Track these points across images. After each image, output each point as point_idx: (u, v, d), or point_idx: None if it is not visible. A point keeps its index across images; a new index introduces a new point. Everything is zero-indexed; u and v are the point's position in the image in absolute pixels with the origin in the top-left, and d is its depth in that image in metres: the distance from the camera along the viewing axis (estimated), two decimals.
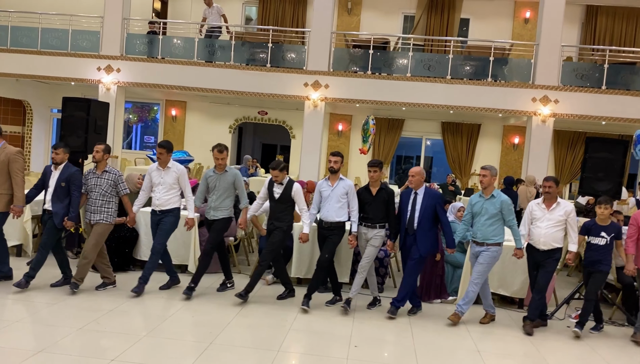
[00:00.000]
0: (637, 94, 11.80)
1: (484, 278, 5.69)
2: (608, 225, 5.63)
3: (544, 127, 11.95)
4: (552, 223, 5.52)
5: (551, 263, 5.58)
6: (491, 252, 5.60)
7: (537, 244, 5.60)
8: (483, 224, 5.60)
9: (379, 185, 5.83)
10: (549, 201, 5.62)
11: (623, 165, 6.38)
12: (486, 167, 5.68)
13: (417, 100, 12.37)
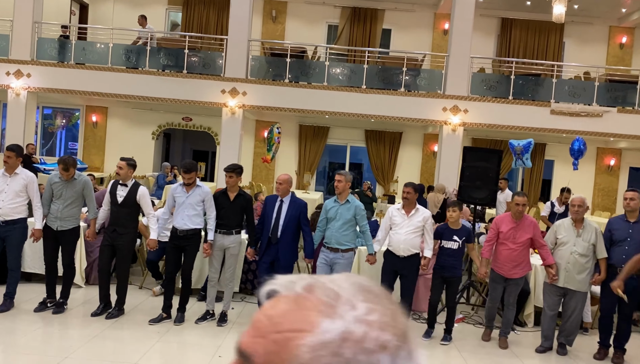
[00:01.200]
0: (541, 104, 12.37)
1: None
2: (459, 228, 5.77)
3: (454, 135, 12.33)
4: (411, 229, 5.60)
5: (412, 272, 5.68)
6: (346, 259, 5.60)
7: (397, 250, 5.64)
8: (338, 229, 5.57)
9: (236, 190, 5.71)
10: (408, 207, 5.69)
11: (498, 174, 6.67)
12: (341, 173, 5.67)
13: (333, 109, 12.54)
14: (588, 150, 15.65)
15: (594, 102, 12.44)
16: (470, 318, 6.75)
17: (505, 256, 5.66)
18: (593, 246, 5.54)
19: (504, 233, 5.67)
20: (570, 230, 5.62)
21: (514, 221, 5.68)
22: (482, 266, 5.77)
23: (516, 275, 5.66)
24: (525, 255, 5.67)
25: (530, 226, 5.65)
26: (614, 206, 15.82)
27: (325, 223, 5.70)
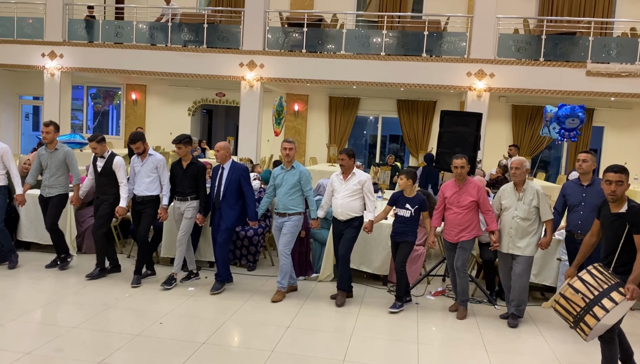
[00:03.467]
0: (576, 65, 11.40)
1: (291, 247, 5.76)
2: (413, 196, 5.57)
3: (479, 102, 11.66)
4: (348, 193, 5.58)
5: (350, 231, 5.62)
6: (293, 221, 5.70)
7: (337, 214, 5.66)
8: (284, 195, 5.71)
9: (189, 159, 5.93)
10: (345, 172, 5.65)
11: (477, 138, 6.19)
12: (290, 141, 5.79)
13: (353, 78, 12.23)
14: None
15: (638, 60, 11.28)
16: (450, 291, 6.42)
17: (451, 221, 5.46)
18: (536, 209, 5.17)
19: (448, 198, 5.49)
20: (512, 195, 5.29)
21: (457, 185, 5.47)
22: (430, 234, 5.57)
23: (463, 237, 5.40)
24: (471, 218, 5.38)
25: (474, 189, 5.37)
26: None
27: (272, 190, 5.89)
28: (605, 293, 3.60)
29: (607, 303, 3.58)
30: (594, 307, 3.61)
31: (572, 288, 3.73)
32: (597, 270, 3.76)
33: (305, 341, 4.73)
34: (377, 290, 6.34)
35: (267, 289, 6.07)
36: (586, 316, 3.65)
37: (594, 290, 3.64)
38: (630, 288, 3.59)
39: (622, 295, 3.59)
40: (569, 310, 3.75)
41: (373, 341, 4.86)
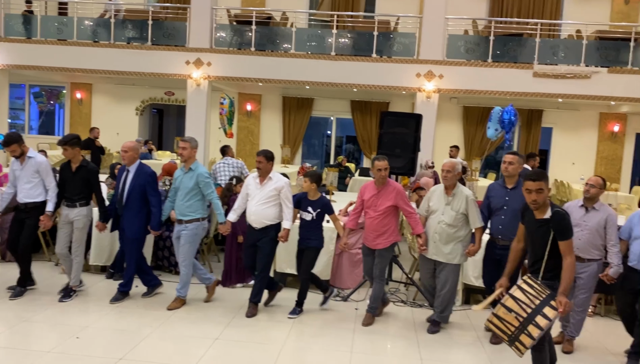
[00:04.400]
0: (523, 67, 11.48)
1: (192, 257, 5.43)
2: (316, 199, 5.34)
3: (429, 103, 11.62)
4: (263, 200, 5.18)
5: (267, 243, 5.24)
6: (190, 230, 5.31)
7: (251, 221, 5.25)
8: (181, 199, 5.32)
9: (78, 161, 5.39)
10: (262, 176, 5.24)
11: (416, 139, 6.07)
12: (185, 139, 5.34)
13: (304, 78, 12.00)
14: (590, 116, 14.73)
15: (582, 62, 11.45)
16: (392, 296, 6.28)
17: (368, 226, 5.21)
18: (464, 215, 4.97)
19: (366, 201, 5.21)
20: (440, 198, 5.06)
21: (377, 188, 5.18)
22: (343, 236, 5.34)
23: (379, 245, 5.16)
24: (387, 223, 5.13)
25: (392, 193, 5.11)
26: (618, 175, 14.79)
27: (174, 193, 5.44)
28: (538, 310, 3.49)
29: (541, 320, 3.48)
30: (528, 326, 3.50)
31: (505, 307, 3.61)
32: (527, 284, 3.64)
33: (231, 354, 4.49)
34: (319, 296, 6.13)
35: (199, 298, 5.79)
36: (521, 336, 3.53)
37: (527, 308, 3.52)
38: (562, 302, 3.49)
39: (555, 310, 3.48)
40: (504, 330, 3.62)
41: (305, 351, 4.67)
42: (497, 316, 3.62)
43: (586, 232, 4.70)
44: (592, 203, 4.77)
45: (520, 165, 4.97)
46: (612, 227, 4.66)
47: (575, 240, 4.65)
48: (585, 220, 4.73)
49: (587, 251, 4.71)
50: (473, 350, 4.85)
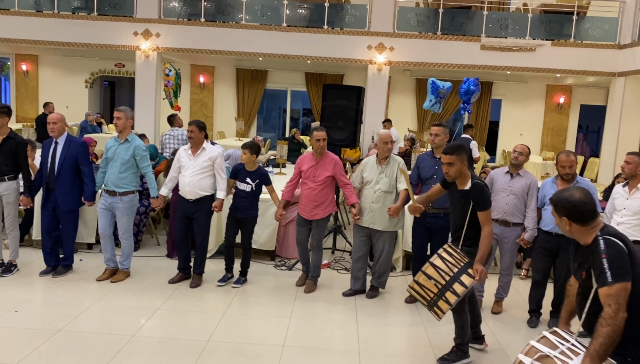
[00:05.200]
0: (471, 39, 11.71)
1: (131, 229, 5.43)
2: (254, 170, 5.42)
3: (380, 75, 11.75)
4: (197, 170, 5.21)
5: (202, 214, 5.31)
6: (125, 202, 5.27)
7: (184, 193, 5.28)
8: (116, 171, 5.21)
9: (5, 133, 5.26)
10: (195, 147, 5.27)
11: (358, 112, 6.18)
12: (120, 109, 5.23)
13: (256, 50, 11.94)
14: (537, 88, 15.15)
15: (528, 35, 11.75)
16: (336, 264, 6.47)
17: (306, 196, 5.31)
18: (396, 181, 5.16)
19: (304, 172, 5.31)
20: (374, 168, 5.21)
21: (315, 159, 5.29)
22: (279, 207, 5.44)
23: (317, 215, 5.29)
24: (326, 194, 5.27)
25: (330, 164, 5.24)
26: (564, 145, 15.34)
27: (106, 163, 5.36)
28: (456, 278, 3.69)
29: (458, 287, 3.68)
30: (446, 293, 3.70)
31: (425, 274, 3.80)
32: (447, 252, 3.84)
33: (172, 324, 4.58)
34: (264, 266, 6.28)
35: (146, 270, 5.84)
36: (439, 302, 3.73)
37: (445, 275, 3.72)
38: (478, 270, 3.71)
39: (472, 277, 3.70)
40: (424, 296, 3.82)
41: (245, 319, 4.80)
42: (417, 283, 3.83)
43: (512, 197, 4.97)
44: (517, 170, 5.03)
45: (445, 136, 5.16)
46: (533, 193, 4.95)
47: (502, 205, 4.98)
48: (511, 186, 4.99)
49: (513, 215, 4.98)
50: (408, 314, 5.08)
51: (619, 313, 2.32)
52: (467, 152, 4.05)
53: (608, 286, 2.35)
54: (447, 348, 4.17)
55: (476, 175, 3.98)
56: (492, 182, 5.12)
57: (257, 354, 4.09)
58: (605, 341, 2.30)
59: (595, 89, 14.66)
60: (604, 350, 2.29)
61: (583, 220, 2.53)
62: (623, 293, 2.34)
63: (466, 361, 4.07)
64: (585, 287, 2.53)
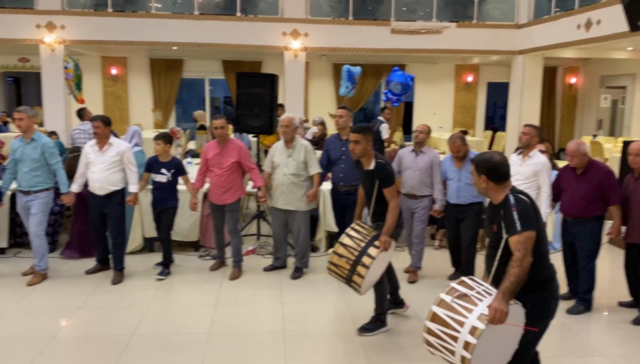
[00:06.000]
0: (382, 24, 12.06)
1: (44, 227, 5.32)
2: (169, 161, 5.50)
3: (296, 61, 11.88)
4: (105, 166, 5.16)
5: (115, 208, 5.28)
6: (41, 199, 5.19)
7: (94, 189, 5.24)
8: (27, 171, 5.11)
9: None
10: (101, 142, 5.22)
11: (273, 99, 6.31)
12: (20, 110, 5.09)
13: (169, 39, 11.69)
14: (447, 68, 15.84)
15: (434, 18, 12.27)
16: (262, 249, 6.58)
17: (214, 183, 5.46)
18: (305, 164, 5.40)
19: (210, 160, 5.44)
20: (282, 152, 5.44)
21: (219, 146, 5.43)
22: (192, 197, 5.55)
23: (228, 200, 5.46)
24: (234, 179, 5.44)
25: (235, 149, 5.41)
26: (474, 122, 16.20)
27: (14, 165, 5.20)
28: (364, 251, 3.93)
29: (366, 260, 3.92)
30: (357, 267, 3.93)
31: (337, 254, 4.02)
32: (354, 230, 4.08)
33: (94, 322, 4.55)
34: (188, 257, 6.28)
35: (65, 271, 5.68)
36: (353, 277, 3.96)
37: (354, 251, 3.96)
38: (382, 240, 3.96)
39: (377, 248, 3.94)
40: (340, 274, 4.06)
41: (169, 310, 4.84)
42: (332, 263, 4.05)
43: (417, 172, 5.39)
44: (420, 147, 5.45)
45: (349, 118, 5.45)
46: (436, 168, 5.40)
47: (409, 180, 5.38)
48: (416, 162, 5.41)
49: (419, 189, 5.42)
50: (332, 291, 5.27)
51: (527, 257, 2.66)
52: (373, 132, 4.29)
53: (518, 234, 2.68)
54: (367, 319, 4.42)
55: (379, 155, 4.23)
56: (400, 161, 5.52)
57: (182, 343, 4.15)
58: (515, 280, 2.63)
59: (499, 67, 15.53)
60: (513, 288, 2.64)
61: (499, 179, 2.84)
62: (530, 240, 2.69)
63: (384, 329, 4.35)
64: (496, 239, 2.84)
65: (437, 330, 2.75)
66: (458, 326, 2.66)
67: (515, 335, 2.74)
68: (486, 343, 2.63)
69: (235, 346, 4.11)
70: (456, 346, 2.65)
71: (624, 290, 4.97)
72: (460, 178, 5.30)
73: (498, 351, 2.74)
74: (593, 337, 4.45)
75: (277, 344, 4.15)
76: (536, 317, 2.78)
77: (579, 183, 4.70)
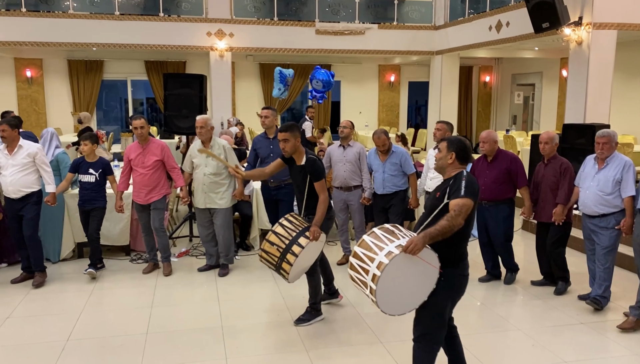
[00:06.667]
0: (306, 24, 12.29)
1: None
2: (96, 161, 5.53)
3: (222, 62, 11.87)
4: (18, 168, 5.08)
5: (30, 209, 5.18)
6: None
7: (8, 193, 5.16)
8: None
9: None
10: (10, 146, 5.11)
11: (202, 100, 6.35)
12: None
13: (85, 40, 11.33)
14: (371, 68, 16.34)
15: (357, 19, 12.65)
16: (195, 250, 6.59)
17: (138, 182, 5.51)
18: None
19: (133, 160, 5.49)
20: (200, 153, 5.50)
21: (141, 146, 5.49)
22: (117, 199, 5.56)
23: (153, 198, 5.52)
24: (157, 178, 5.50)
25: (157, 149, 5.48)
26: (397, 120, 16.81)
27: None
28: (294, 241, 4.10)
29: (296, 249, 4.08)
30: (286, 255, 4.09)
31: (269, 242, 4.17)
32: (287, 220, 4.25)
33: (25, 330, 4.43)
34: (120, 262, 6.20)
35: None
36: (283, 264, 4.12)
37: (285, 240, 4.12)
38: (312, 231, 4.15)
39: (307, 238, 4.12)
40: (270, 261, 4.21)
41: (104, 314, 4.79)
42: (263, 250, 4.20)
43: (348, 165, 5.73)
44: (347, 141, 5.79)
45: (274, 118, 5.67)
46: (363, 159, 5.77)
47: (341, 173, 5.71)
48: (345, 156, 5.75)
49: (352, 179, 5.76)
50: (267, 287, 5.41)
51: (458, 218, 2.89)
52: (300, 130, 4.48)
53: (460, 198, 2.93)
54: (303, 310, 4.59)
55: (310, 151, 4.42)
56: (330, 156, 5.82)
57: (120, 345, 4.15)
58: (441, 230, 2.86)
59: (419, 67, 16.22)
60: (436, 233, 2.86)
61: (464, 159, 3.14)
62: (466, 207, 2.93)
63: (319, 318, 4.54)
64: (435, 204, 3.07)
65: (356, 265, 3.02)
66: (369, 261, 2.93)
67: (426, 279, 2.97)
68: (395, 276, 2.88)
69: (174, 345, 4.15)
70: (367, 277, 2.92)
71: (537, 271, 5.47)
72: (384, 170, 5.67)
73: (407, 291, 2.97)
74: (510, 314, 4.86)
75: (217, 340, 4.23)
76: (445, 289, 3.04)
77: (490, 169, 5.21)
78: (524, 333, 4.40)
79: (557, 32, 8.56)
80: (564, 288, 5.16)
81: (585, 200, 4.69)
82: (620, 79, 10.69)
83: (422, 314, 3.10)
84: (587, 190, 4.68)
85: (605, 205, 4.57)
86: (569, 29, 8.46)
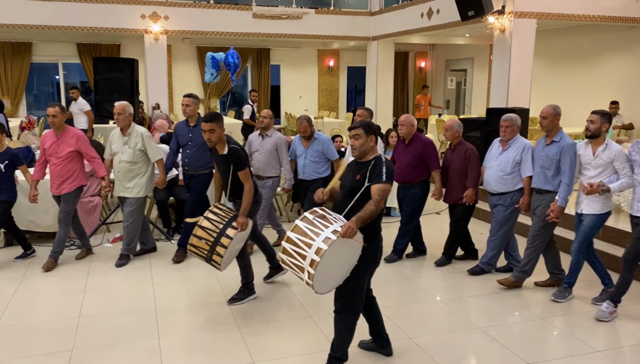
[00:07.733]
0: (243, 8, 12.26)
1: None
2: (3, 151, 5.35)
3: (157, 45, 11.68)
4: None
5: None
6: None
7: None
8: None
9: None
10: None
11: (133, 84, 6.31)
12: None
13: (11, 21, 10.87)
14: (310, 53, 16.46)
15: (294, 4, 12.73)
16: None
17: (52, 172, 5.36)
18: (142, 152, 5.41)
19: (47, 149, 5.33)
20: (119, 139, 5.46)
21: (56, 135, 5.31)
22: (32, 188, 5.39)
23: (64, 190, 5.36)
24: (71, 169, 5.34)
25: (73, 138, 5.32)
26: (337, 104, 17.07)
27: None
28: (222, 232, 4.19)
29: (224, 241, 4.19)
30: (216, 247, 4.19)
31: (196, 236, 4.23)
32: (213, 213, 4.32)
33: None
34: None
35: None
36: (213, 256, 4.22)
37: (213, 233, 4.20)
38: (239, 222, 4.27)
39: (235, 229, 4.23)
40: (200, 254, 4.28)
41: (35, 300, 4.76)
42: (191, 245, 4.27)
43: (264, 154, 5.79)
44: (266, 131, 5.86)
45: (196, 106, 5.64)
46: (282, 149, 5.85)
47: (256, 162, 5.81)
48: (262, 145, 5.82)
49: (265, 170, 5.83)
50: (202, 269, 5.41)
51: (381, 202, 3.20)
52: (223, 119, 4.53)
53: (381, 183, 3.21)
54: (237, 290, 4.73)
55: (232, 139, 4.49)
56: (250, 145, 5.91)
57: (51, 329, 4.16)
58: (369, 213, 3.14)
59: (357, 52, 16.49)
60: (366, 217, 3.13)
61: (377, 139, 3.44)
62: (386, 191, 3.23)
63: (252, 297, 4.70)
64: (355, 187, 3.29)
65: (290, 250, 3.17)
66: (305, 247, 3.09)
67: (353, 257, 3.22)
68: (331, 260, 3.08)
69: (107, 328, 4.20)
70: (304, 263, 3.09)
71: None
72: (306, 156, 5.85)
73: (337, 269, 3.20)
74: (430, 286, 5.19)
75: (150, 321, 4.31)
76: (366, 262, 3.30)
77: (406, 153, 5.52)
78: (443, 303, 4.73)
79: (482, 20, 8.99)
80: (444, 261, 5.60)
81: (488, 179, 5.12)
82: (541, 66, 11.34)
83: (343, 287, 3.32)
84: (490, 170, 5.11)
85: (504, 184, 5.00)
86: (493, 17, 8.90)
